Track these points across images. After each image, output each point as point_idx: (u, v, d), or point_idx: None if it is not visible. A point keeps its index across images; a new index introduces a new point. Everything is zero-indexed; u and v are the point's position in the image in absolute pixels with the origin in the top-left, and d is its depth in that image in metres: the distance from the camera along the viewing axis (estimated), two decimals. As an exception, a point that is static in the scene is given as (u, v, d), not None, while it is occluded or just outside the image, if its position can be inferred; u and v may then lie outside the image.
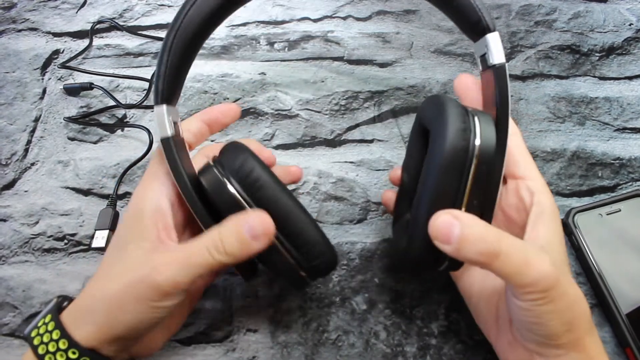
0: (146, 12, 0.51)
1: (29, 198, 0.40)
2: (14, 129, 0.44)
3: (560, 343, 0.25)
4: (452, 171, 0.25)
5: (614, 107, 0.44)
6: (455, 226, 0.24)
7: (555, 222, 0.27)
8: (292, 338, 0.34)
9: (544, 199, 0.28)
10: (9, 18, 0.50)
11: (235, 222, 0.26)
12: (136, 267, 0.26)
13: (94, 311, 0.26)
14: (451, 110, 0.26)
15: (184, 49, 0.29)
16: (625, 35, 0.48)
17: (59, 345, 0.25)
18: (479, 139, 0.25)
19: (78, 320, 0.26)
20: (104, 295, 0.26)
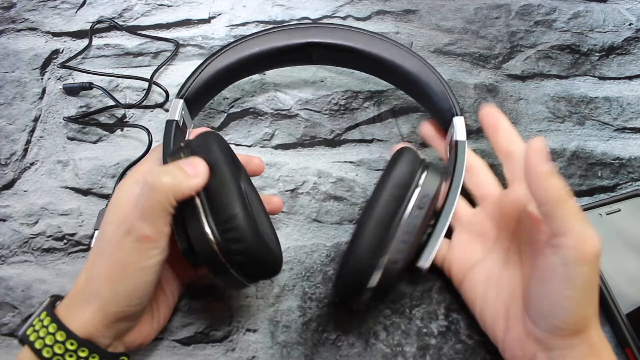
0: (146, 12, 0.51)
1: (28, 198, 0.40)
2: (14, 128, 0.44)
3: (574, 330, 0.25)
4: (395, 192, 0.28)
5: (614, 107, 0.44)
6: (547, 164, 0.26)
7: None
8: (291, 338, 0.34)
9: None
10: (9, 18, 0.50)
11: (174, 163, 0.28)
12: (115, 237, 0.27)
13: (87, 295, 0.27)
14: (406, 157, 0.29)
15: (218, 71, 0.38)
16: (625, 35, 0.48)
17: (57, 337, 0.26)
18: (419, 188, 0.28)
19: (71, 311, 0.27)
20: (94, 276, 0.27)
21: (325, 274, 0.36)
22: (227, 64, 0.38)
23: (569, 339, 0.25)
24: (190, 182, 0.27)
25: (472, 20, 0.49)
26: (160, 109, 0.45)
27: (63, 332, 0.26)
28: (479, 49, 0.48)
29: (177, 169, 0.27)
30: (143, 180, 0.27)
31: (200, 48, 0.48)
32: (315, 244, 0.38)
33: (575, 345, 0.26)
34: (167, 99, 0.45)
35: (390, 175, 0.28)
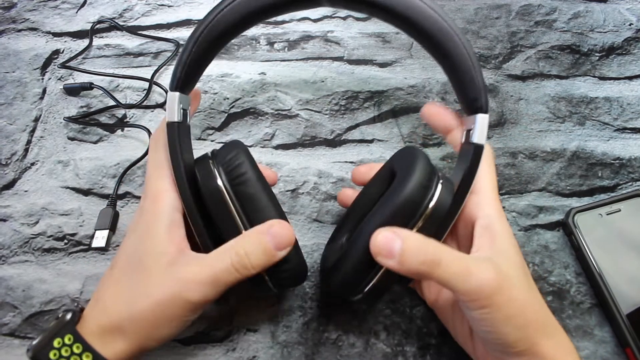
0: (146, 12, 0.51)
1: (28, 198, 0.40)
2: (14, 128, 0.44)
3: (518, 350, 0.25)
4: (400, 216, 0.27)
5: (614, 107, 0.44)
6: (396, 240, 0.25)
7: (505, 233, 0.28)
8: (292, 338, 0.34)
9: (490, 210, 0.28)
10: (9, 18, 0.50)
11: (258, 233, 0.27)
12: (163, 284, 0.26)
13: (126, 331, 0.26)
14: (423, 166, 0.28)
15: (210, 43, 0.30)
16: (625, 35, 0.48)
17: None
18: (434, 202, 0.27)
19: (106, 340, 0.26)
20: (134, 314, 0.26)
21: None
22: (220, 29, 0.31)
23: (519, 358, 0.26)
24: (275, 259, 0.27)
25: (473, 20, 0.49)
26: (161, 109, 0.45)
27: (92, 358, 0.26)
28: (479, 49, 0.48)
29: (263, 244, 0.26)
30: (230, 256, 0.26)
31: (201, 48, 0.48)
32: (316, 243, 0.38)
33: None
34: (167, 99, 0.45)
35: (403, 187, 0.27)
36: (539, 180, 0.41)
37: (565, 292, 0.36)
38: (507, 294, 0.25)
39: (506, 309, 0.25)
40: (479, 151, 0.29)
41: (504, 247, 0.27)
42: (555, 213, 0.39)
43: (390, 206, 0.27)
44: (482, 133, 0.30)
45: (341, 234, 0.33)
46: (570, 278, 0.37)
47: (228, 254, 0.26)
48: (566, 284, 0.36)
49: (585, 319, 0.35)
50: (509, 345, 0.25)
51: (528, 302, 0.26)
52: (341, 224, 0.34)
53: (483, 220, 0.28)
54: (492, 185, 0.30)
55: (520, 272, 0.27)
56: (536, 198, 0.40)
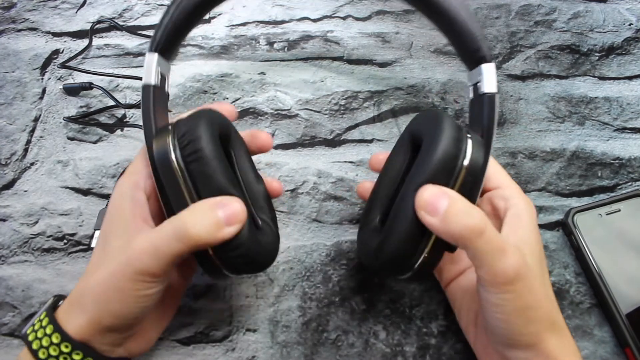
0: (146, 12, 0.51)
1: (28, 198, 0.40)
2: (14, 128, 0.44)
3: (523, 344, 0.25)
4: (441, 173, 0.26)
5: (614, 107, 0.44)
6: (444, 198, 0.25)
7: (531, 224, 0.28)
8: (291, 338, 0.34)
9: (519, 202, 0.29)
10: (9, 18, 0.50)
11: (206, 205, 0.25)
12: (116, 256, 0.26)
13: (83, 303, 0.26)
14: (450, 122, 0.27)
15: (191, 8, 0.30)
16: (625, 35, 0.48)
17: (52, 339, 0.26)
18: (469, 157, 0.26)
19: (69, 314, 0.27)
20: (91, 286, 0.26)
21: (326, 273, 0.36)
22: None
23: (522, 351, 0.26)
24: (222, 234, 0.25)
25: (472, 20, 0.49)
26: (160, 109, 0.45)
27: (58, 334, 0.26)
28: (479, 49, 0.48)
29: (209, 216, 0.25)
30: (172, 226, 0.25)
31: (200, 48, 0.48)
32: (315, 243, 0.38)
33: (530, 357, 0.26)
34: (167, 99, 0.45)
35: (438, 144, 0.26)
36: (539, 180, 0.41)
37: (564, 292, 0.36)
38: (529, 284, 0.25)
39: (525, 298, 0.25)
40: (492, 100, 0.29)
41: (530, 239, 0.27)
42: (555, 213, 0.39)
43: (430, 164, 0.26)
44: (491, 82, 0.29)
45: (372, 217, 0.31)
46: (570, 278, 0.37)
47: (171, 224, 0.25)
48: (566, 283, 0.36)
49: (585, 319, 0.35)
50: (516, 337, 0.25)
51: (544, 297, 0.26)
52: (368, 209, 0.32)
53: (514, 210, 0.28)
54: (510, 177, 0.30)
55: (541, 266, 0.27)
56: (536, 198, 0.40)
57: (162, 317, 0.31)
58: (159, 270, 0.25)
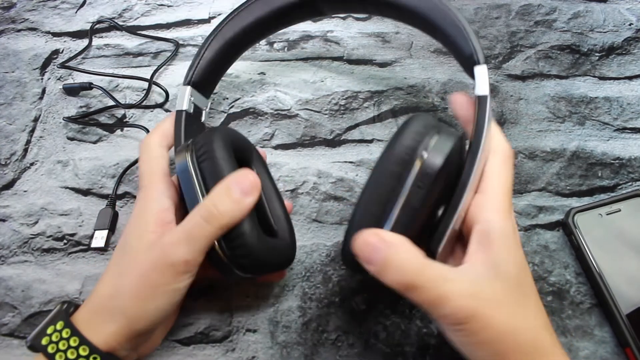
0: (145, 12, 0.51)
1: (28, 198, 0.40)
2: (13, 128, 0.44)
3: None
4: (388, 178, 0.25)
5: (614, 107, 0.44)
6: (379, 250, 0.24)
7: (504, 244, 0.25)
8: (291, 338, 0.34)
9: (492, 217, 0.25)
10: (8, 18, 0.50)
11: (222, 184, 0.27)
12: (146, 256, 0.26)
13: (113, 310, 0.26)
14: (417, 119, 0.27)
15: (218, 50, 0.36)
16: (625, 35, 0.48)
17: (80, 352, 0.25)
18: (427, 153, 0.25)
19: (94, 323, 0.26)
20: (120, 292, 0.26)
21: (326, 274, 0.36)
22: (232, 35, 0.36)
23: None
24: (244, 205, 0.27)
25: (472, 20, 0.49)
26: (160, 109, 0.45)
27: (86, 347, 0.25)
28: (479, 49, 0.48)
29: (227, 194, 0.26)
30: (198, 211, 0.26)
31: (200, 48, 0.48)
32: (315, 243, 0.38)
33: None
34: (167, 99, 0.45)
35: (390, 147, 0.26)
36: (539, 180, 0.41)
37: (565, 292, 0.36)
38: (483, 322, 0.23)
39: (481, 335, 0.23)
40: (483, 101, 0.28)
41: (498, 261, 0.24)
42: (555, 213, 0.39)
43: (382, 158, 0.26)
44: (482, 84, 0.29)
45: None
46: (570, 278, 0.37)
47: (197, 210, 0.27)
48: (566, 284, 0.36)
49: (585, 319, 0.35)
50: None
51: (511, 328, 0.24)
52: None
53: (481, 226, 0.25)
54: (502, 185, 0.27)
55: (512, 292, 0.24)
56: (536, 198, 0.40)
57: (167, 320, 0.31)
58: (193, 258, 0.26)
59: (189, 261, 0.26)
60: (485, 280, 0.24)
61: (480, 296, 0.23)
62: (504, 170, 0.27)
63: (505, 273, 0.24)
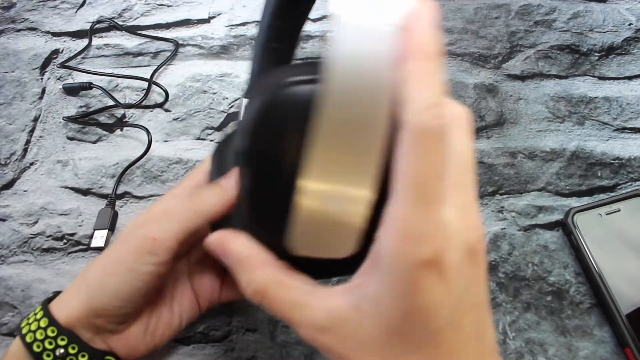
0: (145, 11, 0.51)
1: (28, 198, 0.40)
2: (13, 128, 0.44)
3: None
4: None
5: (614, 107, 0.44)
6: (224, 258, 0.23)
7: (394, 279, 0.17)
8: (291, 338, 0.34)
9: (385, 235, 0.18)
10: (8, 18, 0.50)
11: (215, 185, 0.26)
12: (124, 232, 0.27)
13: (79, 284, 0.27)
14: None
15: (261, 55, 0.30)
16: (624, 35, 0.48)
17: (40, 324, 0.26)
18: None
19: (62, 300, 0.27)
20: (91, 267, 0.27)
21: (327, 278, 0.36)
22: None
23: None
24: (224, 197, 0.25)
25: (472, 20, 0.49)
26: (160, 108, 0.45)
27: (46, 319, 0.26)
28: (479, 49, 0.48)
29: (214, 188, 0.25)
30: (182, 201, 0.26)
31: (200, 48, 0.48)
32: (315, 243, 0.38)
33: None
34: (166, 99, 0.45)
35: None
36: (539, 180, 0.41)
37: (564, 292, 0.36)
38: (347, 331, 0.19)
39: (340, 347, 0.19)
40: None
41: (378, 298, 0.18)
42: (555, 213, 0.39)
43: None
44: None
45: None
46: (570, 278, 0.37)
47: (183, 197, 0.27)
48: (565, 284, 0.36)
49: (585, 319, 0.35)
50: None
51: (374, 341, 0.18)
52: None
53: (376, 243, 0.18)
54: (408, 186, 0.17)
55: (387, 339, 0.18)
56: (535, 198, 0.40)
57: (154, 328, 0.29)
58: (162, 238, 0.25)
59: (156, 239, 0.25)
60: (350, 314, 0.19)
61: (336, 332, 0.19)
62: (413, 160, 0.17)
63: (383, 314, 0.18)
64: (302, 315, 0.20)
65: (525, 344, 0.34)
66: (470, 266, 0.18)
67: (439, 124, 0.16)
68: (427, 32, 0.17)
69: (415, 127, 0.16)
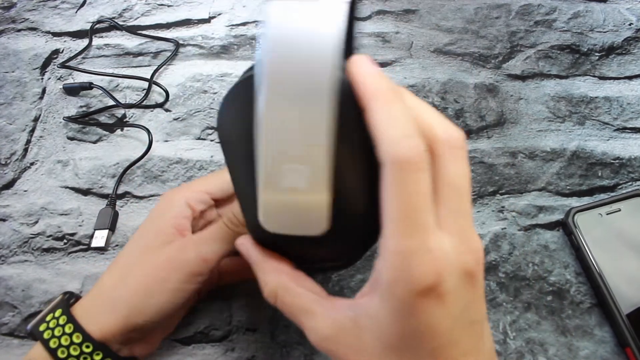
0: (145, 11, 0.51)
1: (28, 198, 0.40)
2: (14, 128, 0.44)
3: None
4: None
5: (614, 107, 0.44)
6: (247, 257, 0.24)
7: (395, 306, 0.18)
8: (291, 338, 0.34)
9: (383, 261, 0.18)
10: (9, 18, 0.50)
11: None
12: (162, 250, 0.27)
13: (115, 300, 0.26)
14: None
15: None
16: (625, 35, 0.48)
17: (73, 339, 0.25)
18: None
19: (93, 312, 0.27)
20: (127, 283, 0.26)
21: (325, 273, 0.36)
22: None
23: None
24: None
25: (472, 20, 0.49)
26: (160, 108, 0.45)
27: (80, 334, 0.25)
28: (479, 49, 0.48)
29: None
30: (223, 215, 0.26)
31: (200, 48, 0.48)
32: (315, 243, 0.38)
33: None
34: (167, 99, 0.45)
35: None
36: (539, 180, 0.41)
37: (565, 291, 0.36)
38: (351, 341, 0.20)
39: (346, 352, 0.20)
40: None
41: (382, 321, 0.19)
42: (555, 213, 0.39)
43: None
44: None
45: None
46: (570, 278, 0.37)
47: (220, 219, 0.27)
48: (566, 283, 0.36)
49: (585, 318, 0.35)
50: None
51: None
52: None
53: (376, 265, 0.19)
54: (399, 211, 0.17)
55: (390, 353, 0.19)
56: (536, 198, 0.40)
57: (169, 322, 0.31)
58: (212, 258, 0.26)
59: (207, 260, 0.26)
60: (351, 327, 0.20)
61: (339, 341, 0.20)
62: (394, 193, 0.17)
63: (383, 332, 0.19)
64: (309, 321, 0.21)
65: (525, 343, 0.34)
66: (468, 288, 0.18)
67: (414, 153, 0.17)
68: (376, 75, 0.19)
69: (390, 161, 0.17)
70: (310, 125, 0.18)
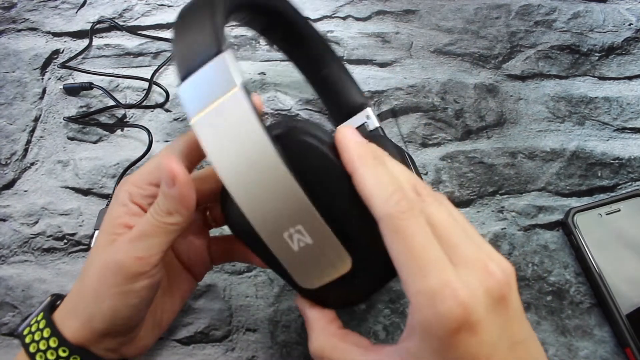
0: (146, 12, 0.51)
1: (28, 198, 0.40)
2: (14, 128, 0.44)
3: None
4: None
5: (614, 107, 0.44)
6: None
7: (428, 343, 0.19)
8: (291, 338, 0.34)
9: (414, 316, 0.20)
10: (9, 18, 0.50)
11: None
12: (100, 256, 0.25)
13: (77, 306, 0.26)
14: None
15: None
16: (624, 35, 0.48)
17: (50, 344, 0.25)
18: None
19: (65, 318, 0.26)
20: (83, 291, 0.26)
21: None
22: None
23: None
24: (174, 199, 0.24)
25: (472, 20, 0.49)
26: (161, 109, 0.45)
27: (56, 338, 0.25)
28: (479, 49, 0.48)
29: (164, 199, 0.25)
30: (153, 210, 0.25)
31: (201, 48, 0.48)
32: (315, 243, 0.38)
33: None
34: (167, 99, 0.45)
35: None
36: (539, 180, 0.41)
37: (564, 292, 0.36)
38: None
39: None
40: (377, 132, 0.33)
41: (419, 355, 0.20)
42: (555, 213, 0.39)
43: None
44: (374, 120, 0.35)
45: None
46: (570, 278, 0.37)
47: (152, 210, 0.25)
48: (566, 283, 0.36)
49: (585, 318, 0.35)
50: None
51: None
52: None
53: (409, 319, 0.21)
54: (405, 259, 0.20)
55: None
56: (536, 198, 0.40)
57: (161, 318, 0.30)
58: (147, 255, 0.24)
59: (142, 258, 0.24)
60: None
61: None
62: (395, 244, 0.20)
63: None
64: None
65: (525, 344, 0.34)
66: (500, 311, 0.19)
67: (403, 205, 0.20)
68: (357, 142, 0.22)
69: (383, 219, 0.20)
70: (279, 192, 0.21)
